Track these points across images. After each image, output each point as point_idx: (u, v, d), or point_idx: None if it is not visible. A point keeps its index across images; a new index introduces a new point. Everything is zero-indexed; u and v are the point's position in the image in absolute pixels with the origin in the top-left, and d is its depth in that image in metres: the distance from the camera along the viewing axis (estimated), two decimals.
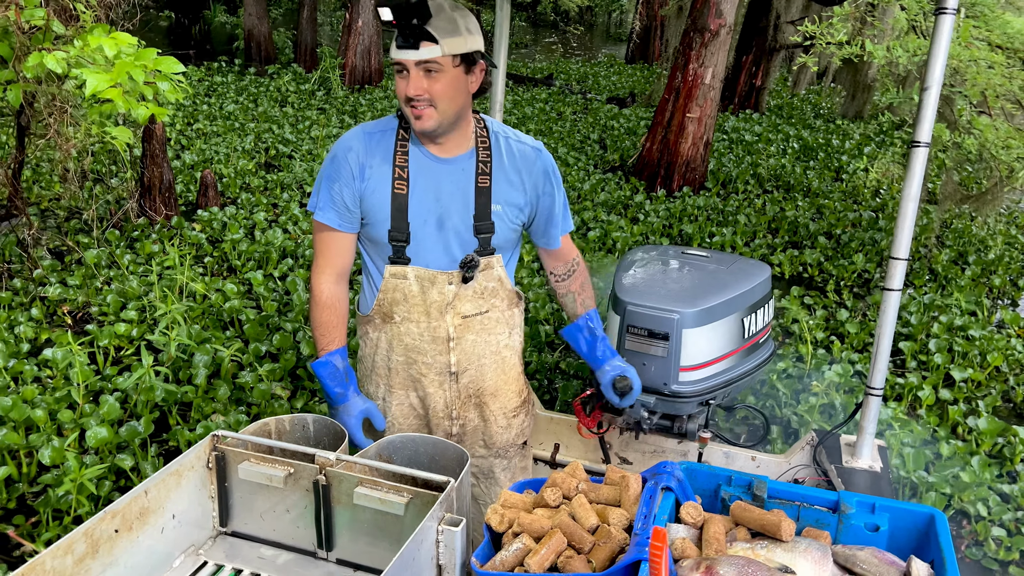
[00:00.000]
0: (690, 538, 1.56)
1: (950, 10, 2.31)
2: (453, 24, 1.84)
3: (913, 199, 2.47)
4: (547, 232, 2.19)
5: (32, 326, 4.21)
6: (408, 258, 2.01)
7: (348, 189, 1.98)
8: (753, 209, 7.64)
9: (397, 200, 1.97)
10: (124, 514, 1.52)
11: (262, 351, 4.23)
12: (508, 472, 2.30)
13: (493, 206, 2.03)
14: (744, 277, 2.78)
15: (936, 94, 2.39)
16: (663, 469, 1.66)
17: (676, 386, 2.60)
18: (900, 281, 2.52)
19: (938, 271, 6.36)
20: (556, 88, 14.69)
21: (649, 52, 19.43)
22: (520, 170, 2.07)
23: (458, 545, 1.55)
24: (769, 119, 12.30)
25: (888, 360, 2.61)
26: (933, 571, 1.51)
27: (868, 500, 1.65)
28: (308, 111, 10.51)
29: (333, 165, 2.00)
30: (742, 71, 12.58)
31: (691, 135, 8.15)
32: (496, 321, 2.12)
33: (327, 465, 1.65)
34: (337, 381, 2.02)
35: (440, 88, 1.87)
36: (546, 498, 1.64)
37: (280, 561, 1.72)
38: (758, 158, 9.58)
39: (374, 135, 2.01)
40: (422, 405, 2.17)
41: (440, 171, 2.01)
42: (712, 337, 2.63)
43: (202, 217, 6.17)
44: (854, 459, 2.71)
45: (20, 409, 3.29)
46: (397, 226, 1.98)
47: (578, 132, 10.70)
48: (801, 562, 1.49)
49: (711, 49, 7.89)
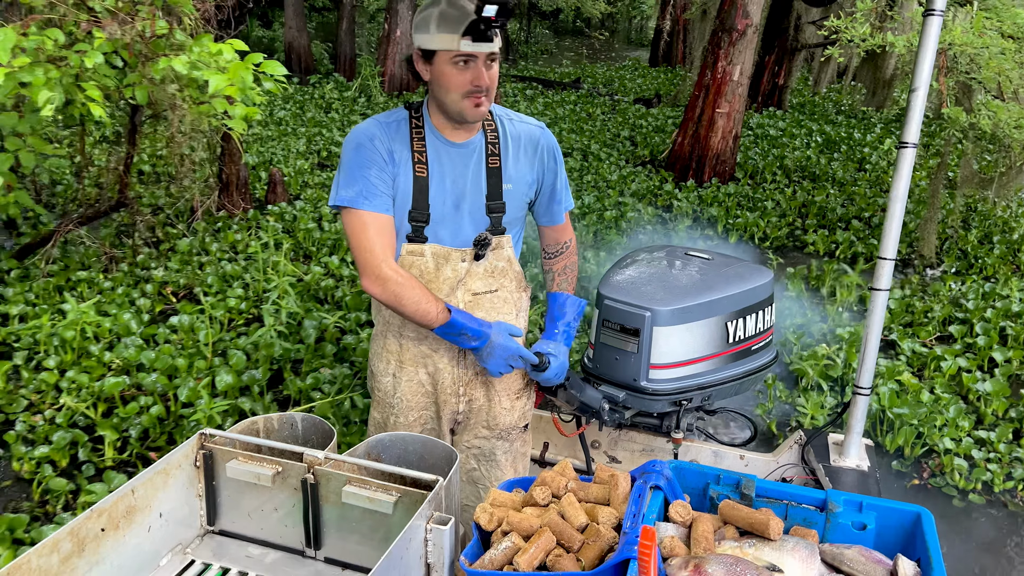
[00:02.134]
0: (679, 537, 1.57)
1: (938, 12, 2.32)
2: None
3: (900, 199, 2.49)
4: (550, 209, 2.31)
5: (147, 302, 4.98)
6: (425, 237, 2.10)
7: (384, 174, 2.05)
8: (783, 196, 8.16)
9: (419, 183, 2.07)
10: (111, 513, 1.54)
11: (362, 319, 4.85)
12: (509, 456, 2.35)
13: (504, 185, 2.14)
14: (736, 281, 2.76)
15: (923, 95, 2.41)
16: (652, 468, 1.67)
17: (645, 383, 2.62)
18: (888, 281, 2.53)
19: (967, 251, 6.95)
20: (584, 91, 15.36)
21: (672, 55, 20.19)
22: (527, 148, 2.19)
23: (446, 544, 1.55)
24: (792, 115, 12.87)
25: (876, 359, 2.62)
26: (920, 569, 1.52)
27: (855, 499, 1.67)
28: (352, 116, 11.31)
29: (362, 154, 2.05)
30: (765, 70, 13.07)
31: (720, 129, 8.64)
32: (505, 301, 2.21)
33: (315, 464, 1.66)
34: (470, 319, 2.06)
35: (494, 76, 2.03)
36: (535, 497, 1.64)
37: (268, 560, 1.74)
38: (783, 151, 10.07)
39: (389, 124, 2.10)
40: (431, 382, 2.23)
41: (454, 155, 2.10)
42: (687, 338, 2.64)
43: (273, 211, 6.86)
44: (842, 458, 2.73)
45: (164, 360, 4.11)
46: (418, 207, 2.07)
47: (608, 130, 11.27)
48: (789, 560, 1.49)
49: (738, 48, 8.37)
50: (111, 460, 3.55)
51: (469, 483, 2.38)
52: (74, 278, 5.17)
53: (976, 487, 3.76)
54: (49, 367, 4.01)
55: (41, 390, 3.92)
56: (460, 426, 2.32)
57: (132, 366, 4.13)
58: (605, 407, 2.54)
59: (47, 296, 4.89)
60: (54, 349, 4.22)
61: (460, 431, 2.33)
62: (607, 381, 2.69)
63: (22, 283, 5.01)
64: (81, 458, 3.51)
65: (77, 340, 4.25)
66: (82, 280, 5.15)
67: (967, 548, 3.43)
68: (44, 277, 5.10)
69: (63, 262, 5.39)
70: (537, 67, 19.76)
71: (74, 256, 5.53)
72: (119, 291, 5.00)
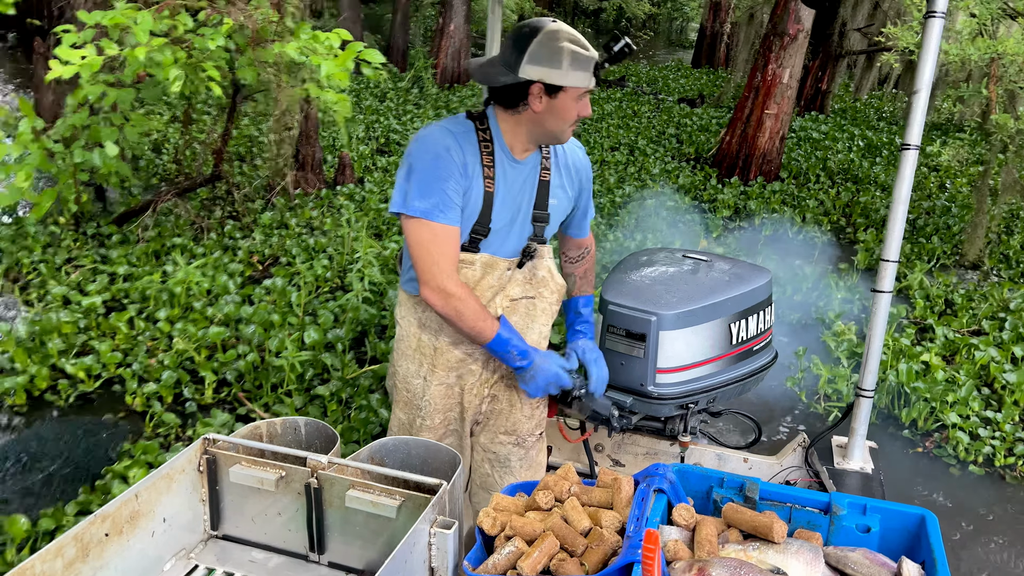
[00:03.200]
0: (682, 540, 1.57)
1: (939, 14, 2.32)
2: None
3: (903, 201, 2.48)
4: (582, 224, 2.42)
5: (238, 267, 5.45)
6: (479, 248, 2.15)
7: (459, 186, 2.07)
8: (827, 196, 8.46)
9: (487, 198, 2.11)
10: (114, 518, 1.54)
11: None
12: (524, 463, 2.38)
13: (550, 199, 2.21)
14: (737, 282, 2.76)
15: (926, 96, 2.41)
16: (655, 471, 1.67)
17: (653, 387, 2.61)
18: (890, 283, 2.53)
19: (1010, 255, 7.31)
20: (629, 89, 15.67)
21: (715, 57, 20.44)
22: (571, 168, 2.27)
23: (450, 548, 1.55)
24: (834, 120, 13.10)
25: (879, 360, 2.61)
26: (924, 572, 1.52)
27: (859, 501, 1.67)
28: (406, 106, 11.78)
29: (440, 165, 2.05)
30: (809, 75, 13.31)
31: (768, 130, 8.93)
32: (543, 310, 2.26)
33: (319, 468, 1.66)
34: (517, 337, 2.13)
35: None
36: (538, 501, 1.65)
37: (272, 564, 1.74)
38: (826, 153, 10.34)
39: (460, 134, 2.11)
40: (459, 384, 2.27)
41: (516, 171, 2.16)
42: (692, 341, 2.63)
43: (342, 191, 7.35)
44: (845, 461, 2.72)
45: (260, 315, 4.62)
46: (482, 222, 2.12)
47: (654, 128, 11.61)
48: (793, 563, 1.49)
49: (789, 52, 8.68)
50: (210, 398, 4.02)
51: (482, 488, 2.39)
52: (168, 243, 5.73)
53: (977, 459, 4.05)
54: (159, 318, 4.56)
55: (156, 337, 4.44)
56: (479, 427, 2.35)
57: (232, 320, 4.65)
58: (615, 414, 2.53)
59: (146, 259, 5.48)
60: (163, 304, 4.78)
61: (478, 432, 2.36)
62: (613, 387, 2.67)
63: (123, 247, 5.58)
64: (185, 396, 3.98)
65: (183, 296, 4.83)
66: (176, 246, 5.70)
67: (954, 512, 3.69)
68: (143, 242, 5.68)
69: (157, 229, 5.90)
70: None
71: (167, 224, 6.03)
72: (211, 257, 5.53)
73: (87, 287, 4.87)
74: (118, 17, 4.08)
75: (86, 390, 3.97)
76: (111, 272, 5.16)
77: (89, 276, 5.08)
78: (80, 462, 3.10)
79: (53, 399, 3.90)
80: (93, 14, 4.17)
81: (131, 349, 4.27)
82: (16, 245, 5.39)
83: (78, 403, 3.88)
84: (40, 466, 3.05)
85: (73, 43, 4.12)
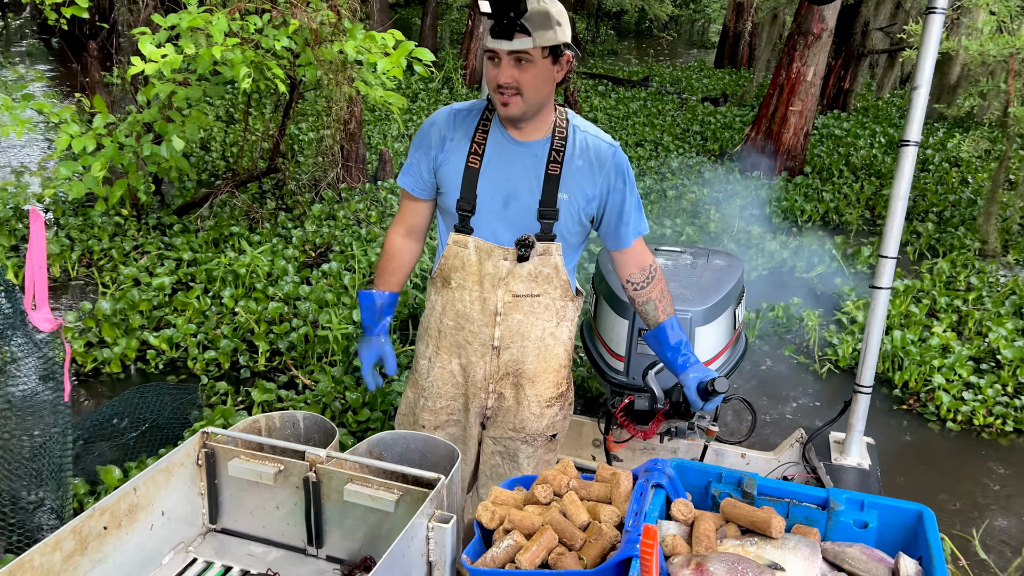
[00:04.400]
0: (681, 535, 1.55)
1: (939, 10, 2.31)
2: (546, 17, 1.88)
3: (902, 198, 2.45)
4: (618, 231, 2.15)
5: (293, 252, 5.69)
6: (471, 228, 2.08)
7: (426, 158, 2.09)
8: (851, 190, 8.59)
9: (469, 173, 2.05)
10: (113, 511, 1.48)
11: None
12: (532, 460, 2.28)
13: (560, 194, 2.06)
14: (727, 271, 2.80)
15: (925, 93, 2.38)
16: (654, 467, 1.65)
17: None
18: (889, 279, 2.51)
19: None
20: (653, 89, 15.72)
21: (738, 57, 20.39)
22: (592, 163, 2.08)
23: (448, 542, 1.54)
24: (856, 118, 13.09)
25: (877, 357, 2.61)
26: (921, 567, 1.51)
27: (857, 497, 1.63)
28: (436, 105, 11.58)
29: (418, 138, 2.13)
30: (831, 74, 13.20)
31: (792, 126, 9.04)
32: (545, 307, 2.15)
33: (317, 462, 1.63)
34: (370, 315, 2.22)
35: (528, 78, 1.92)
36: (537, 495, 1.62)
37: (270, 558, 1.69)
38: (848, 149, 10.38)
39: (460, 113, 2.10)
40: (463, 373, 2.20)
41: (515, 153, 2.05)
42: (718, 331, 2.62)
43: (384, 186, 7.43)
44: (843, 456, 2.71)
45: (317, 294, 4.90)
46: (465, 197, 2.06)
47: (679, 126, 11.75)
48: (791, 559, 1.48)
49: (813, 50, 8.77)
50: (263, 366, 4.28)
51: (492, 479, 2.31)
52: (226, 232, 5.96)
53: (956, 418, 4.25)
54: (224, 296, 4.83)
55: (221, 312, 4.72)
56: (489, 421, 2.27)
57: (291, 299, 4.92)
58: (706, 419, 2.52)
59: (207, 247, 5.73)
60: (229, 284, 5.06)
61: (489, 426, 2.28)
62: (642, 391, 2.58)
63: (184, 235, 5.85)
64: (241, 363, 4.26)
65: (246, 278, 5.11)
66: (234, 234, 5.92)
67: (922, 459, 3.95)
68: (203, 231, 5.95)
69: (214, 219, 6.16)
70: (605, 65, 20.14)
71: (223, 215, 6.28)
72: (268, 245, 5.73)
73: (155, 270, 5.17)
74: (195, 20, 4.40)
75: (172, 357, 4.32)
76: (176, 257, 5.47)
77: (156, 261, 5.39)
78: (164, 424, 3.40)
79: (143, 367, 4.27)
80: (169, 17, 4.46)
81: (201, 323, 4.58)
82: (85, 234, 5.77)
83: (166, 370, 4.26)
84: (131, 426, 3.33)
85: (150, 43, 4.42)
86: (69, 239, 5.70)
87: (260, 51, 4.69)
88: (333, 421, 3.68)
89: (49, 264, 5.31)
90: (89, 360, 4.21)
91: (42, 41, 15.71)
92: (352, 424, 3.70)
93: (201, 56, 4.38)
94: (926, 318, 5.32)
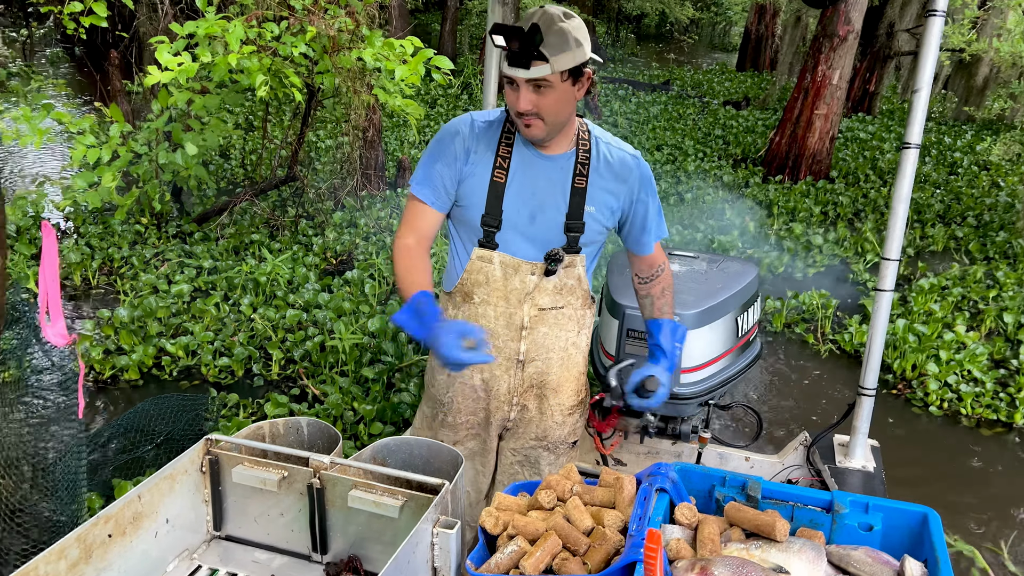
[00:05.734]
0: (685, 539, 1.54)
1: (939, 12, 2.31)
2: (563, 39, 1.81)
3: (904, 200, 2.44)
4: (640, 239, 2.17)
5: (314, 259, 5.70)
6: (496, 244, 2.03)
7: (449, 170, 1.99)
8: (880, 194, 8.50)
9: (495, 188, 1.99)
10: (117, 519, 1.46)
11: None
12: (553, 468, 2.26)
13: (587, 207, 2.03)
14: (736, 276, 2.77)
15: (926, 95, 2.38)
16: (657, 471, 1.64)
17: (679, 388, 2.57)
18: (892, 282, 2.50)
19: None
20: (674, 92, 15.64)
21: (760, 60, 20.26)
22: (617, 175, 2.06)
23: (453, 548, 1.53)
24: (882, 121, 12.97)
25: (880, 360, 2.61)
26: (927, 570, 1.51)
27: (862, 500, 1.61)
28: (455, 111, 11.65)
29: (439, 146, 2.02)
30: (856, 76, 13.05)
31: (818, 130, 8.92)
32: (569, 318, 2.13)
33: (321, 468, 1.62)
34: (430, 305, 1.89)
35: (549, 103, 1.88)
36: (540, 500, 1.60)
37: (274, 565, 1.66)
38: (874, 153, 10.26)
39: (482, 123, 2.02)
40: (484, 388, 2.16)
41: (540, 166, 2.01)
42: (711, 338, 2.60)
43: (403, 193, 7.36)
44: (847, 459, 2.69)
45: (336, 302, 4.88)
46: (491, 212, 2.00)
47: (700, 130, 11.67)
48: (795, 562, 1.47)
49: (839, 53, 8.62)
50: (276, 375, 4.27)
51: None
52: (246, 240, 5.98)
53: (942, 404, 4.45)
54: (243, 304, 4.85)
55: (239, 320, 4.73)
56: (509, 433, 2.24)
57: (311, 306, 4.92)
58: (651, 419, 2.53)
59: (227, 255, 5.73)
60: (249, 291, 5.10)
61: (508, 437, 2.25)
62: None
63: (204, 243, 5.87)
64: (254, 371, 4.25)
65: (267, 285, 5.13)
66: (255, 242, 5.94)
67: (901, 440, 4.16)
68: (223, 239, 5.97)
69: (235, 227, 6.18)
70: (625, 70, 20.10)
71: (243, 223, 6.30)
72: (288, 252, 5.75)
73: (175, 278, 5.18)
74: (212, 27, 4.35)
75: (188, 364, 4.31)
76: (197, 265, 5.47)
77: (176, 269, 5.40)
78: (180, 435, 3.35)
79: (159, 374, 4.25)
80: (187, 25, 4.42)
81: (219, 331, 4.58)
82: (105, 243, 5.79)
83: (180, 377, 4.26)
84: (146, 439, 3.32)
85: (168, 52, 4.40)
86: (89, 247, 5.74)
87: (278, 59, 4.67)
88: (344, 434, 3.64)
89: (69, 273, 5.33)
90: (107, 367, 4.21)
91: (65, 50, 15.79)
92: (364, 437, 3.66)
93: (218, 64, 4.35)
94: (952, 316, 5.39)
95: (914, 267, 6.52)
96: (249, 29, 4.48)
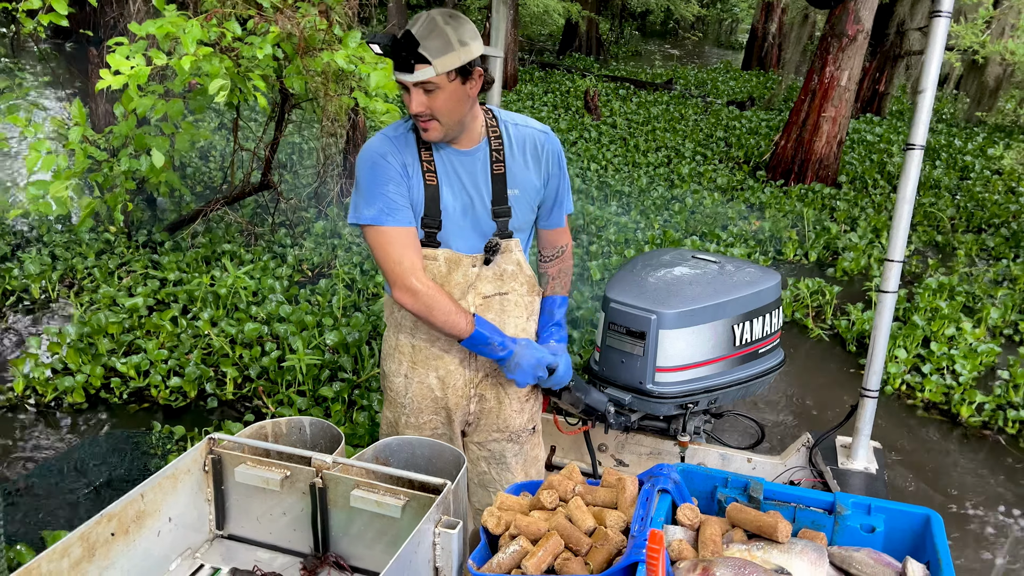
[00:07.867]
0: (687, 540, 1.55)
1: (945, 13, 2.30)
2: (445, 41, 1.88)
3: (908, 201, 2.45)
4: (552, 213, 2.28)
5: (286, 270, 5.48)
6: (438, 242, 2.10)
7: (402, 187, 2.05)
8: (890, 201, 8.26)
9: (429, 191, 2.07)
10: (120, 517, 1.50)
11: None
12: (520, 458, 2.33)
13: (510, 191, 2.13)
14: (743, 284, 2.73)
15: (931, 97, 2.38)
16: (660, 471, 1.65)
17: (651, 386, 2.58)
18: (895, 283, 2.50)
19: None
20: (677, 92, 15.37)
21: (766, 59, 19.97)
22: (532, 153, 2.16)
23: (455, 547, 1.54)
24: (890, 122, 12.74)
25: (883, 361, 2.60)
26: (929, 572, 1.51)
27: (864, 501, 1.64)
28: None
29: (378, 171, 2.05)
30: (866, 76, 12.78)
31: (825, 134, 8.64)
32: (515, 304, 2.20)
33: (324, 468, 1.64)
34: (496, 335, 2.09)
35: (440, 104, 1.95)
36: (542, 500, 1.63)
37: (277, 564, 1.71)
38: (881, 156, 10.03)
39: (396, 138, 2.09)
40: (441, 386, 2.22)
41: (460, 162, 2.09)
42: (693, 341, 2.60)
43: None
44: (850, 461, 2.70)
45: (299, 315, 4.66)
46: (430, 214, 2.07)
47: (701, 131, 11.41)
48: (797, 563, 1.48)
49: (848, 53, 8.34)
50: (231, 394, 4.05)
51: (480, 486, 2.36)
52: (219, 250, 5.72)
53: (900, 387, 4.62)
54: (202, 318, 4.57)
55: (197, 335, 4.48)
56: (471, 427, 2.30)
57: (273, 319, 4.69)
58: (611, 410, 2.54)
59: (196, 266, 5.49)
60: (209, 305, 4.84)
61: (471, 432, 2.31)
62: (613, 384, 2.64)
63: (174, 253, 5.62)
64: (207, 391, 4.03)
65: (228, 298, 4.89)
66: (226, 252, 5.70)
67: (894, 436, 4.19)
68: (194, 248, 5.72)
69: (207, 236, 5.92)
70: (628, 68, 19.82)
71: (217, 232, 6.07)
72: (259, 264, 5.54)
73: (136, 291, 4.90)
74: (167, 27, 4.06)
75: (139, 386, 4.03)
76: (162, 277, 5.21)
77: (140, 281, 5.15)
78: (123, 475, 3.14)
79: (107, 396, 3.97)
80: (144, 24, 4.12)
81: (174, 347, 4.32)
82: (70, 252, 5.53)
83: (130, 400, 3.98)
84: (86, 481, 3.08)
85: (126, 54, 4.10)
86: (52, 257, 5.48)
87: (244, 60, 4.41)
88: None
89: (27, 285, 5.13)
90: (50, 389, 3.95)
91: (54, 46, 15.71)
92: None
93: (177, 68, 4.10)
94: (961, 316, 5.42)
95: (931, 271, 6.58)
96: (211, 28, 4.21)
